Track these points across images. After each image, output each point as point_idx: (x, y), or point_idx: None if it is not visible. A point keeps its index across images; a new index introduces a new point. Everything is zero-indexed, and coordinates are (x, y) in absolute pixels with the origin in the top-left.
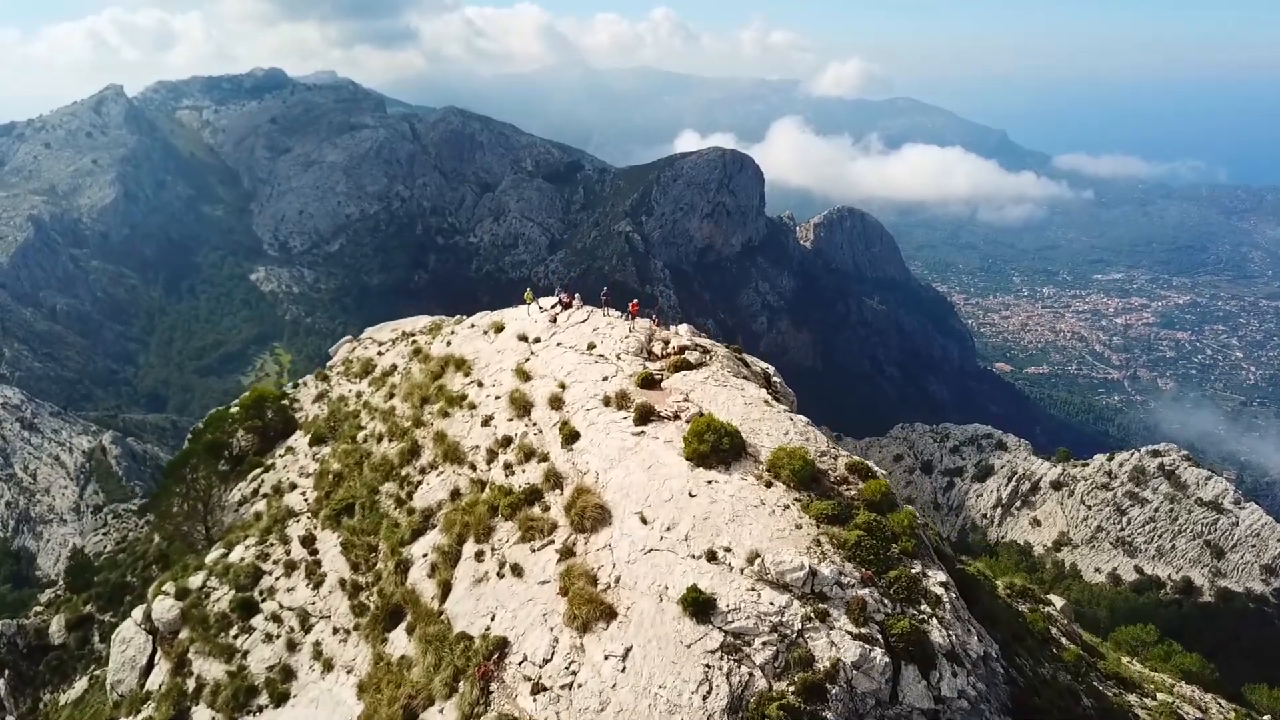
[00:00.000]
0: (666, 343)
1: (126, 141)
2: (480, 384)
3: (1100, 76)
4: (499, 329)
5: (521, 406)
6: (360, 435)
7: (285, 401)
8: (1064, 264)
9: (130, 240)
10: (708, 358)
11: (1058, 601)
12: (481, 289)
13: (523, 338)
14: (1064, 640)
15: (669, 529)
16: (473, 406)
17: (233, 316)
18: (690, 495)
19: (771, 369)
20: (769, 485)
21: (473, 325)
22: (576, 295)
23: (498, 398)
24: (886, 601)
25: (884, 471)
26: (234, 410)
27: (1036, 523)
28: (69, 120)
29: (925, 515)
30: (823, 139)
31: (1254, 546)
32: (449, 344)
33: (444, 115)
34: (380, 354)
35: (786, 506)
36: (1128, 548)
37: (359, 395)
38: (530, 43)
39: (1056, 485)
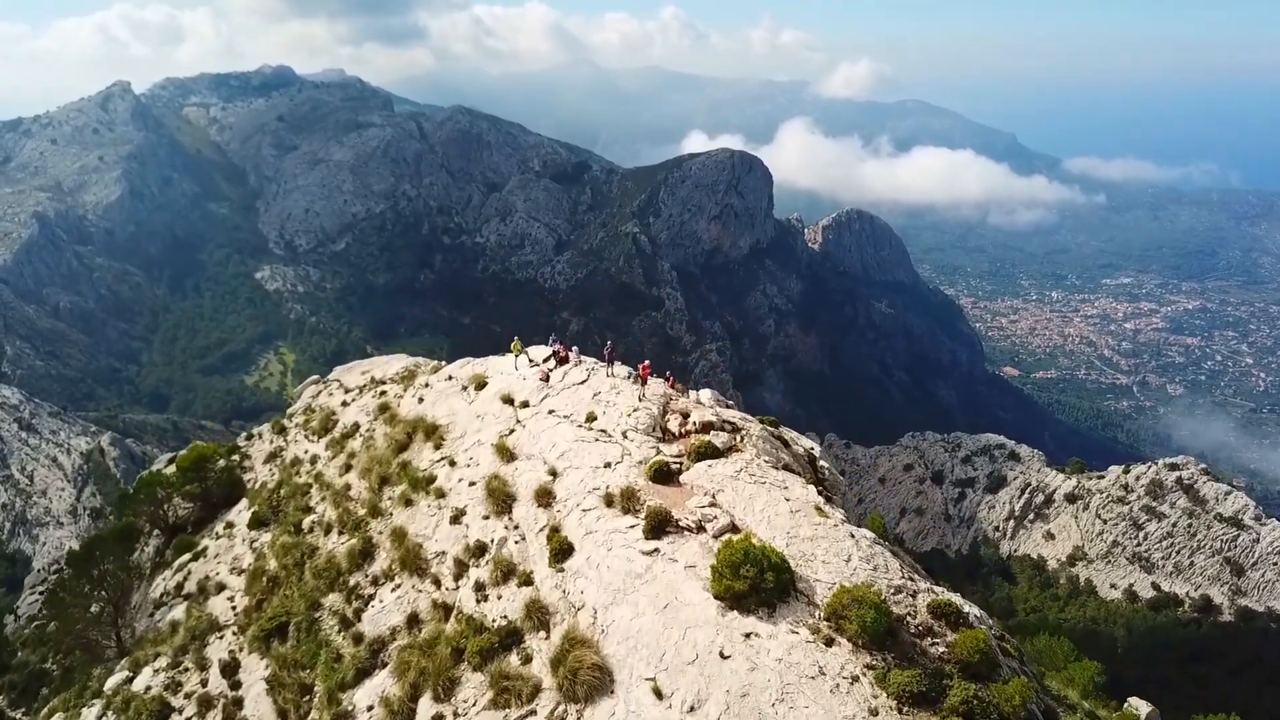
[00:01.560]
0: (685, 416)
1: (133, 138)
2: (452, 462)
3: (1111, 78)
4: (480, 385)
5: (501, 500)
6: (306, 522)
7: (235, 457)
8: (1073, 268)
9: (135, 237)
10: (738, 439)
11: (1143, 709)
12: (488, 289)
13: (508, 400)
14: None
15: (693, 709)
16: (441, 494)
17: (237, 315)
18: (722, 656)
19: (816, 448)
20: (829, 643)
21: (450, 378)
22: (574, 348)
23: (473, 484)
24: None
25: (977, 611)
26: (170, 473)
27: (1050, 536)
28: (75, 116)
29: (936, 527)
30: (831, 140)
31: (1276, 565)
32: (421, 401)
33: (451, 114)
34: (345, 404)
35: (855, 678)
36: (1144, 563)
37: (314, 461)
38: (539, 41)
39: (1071, 498)
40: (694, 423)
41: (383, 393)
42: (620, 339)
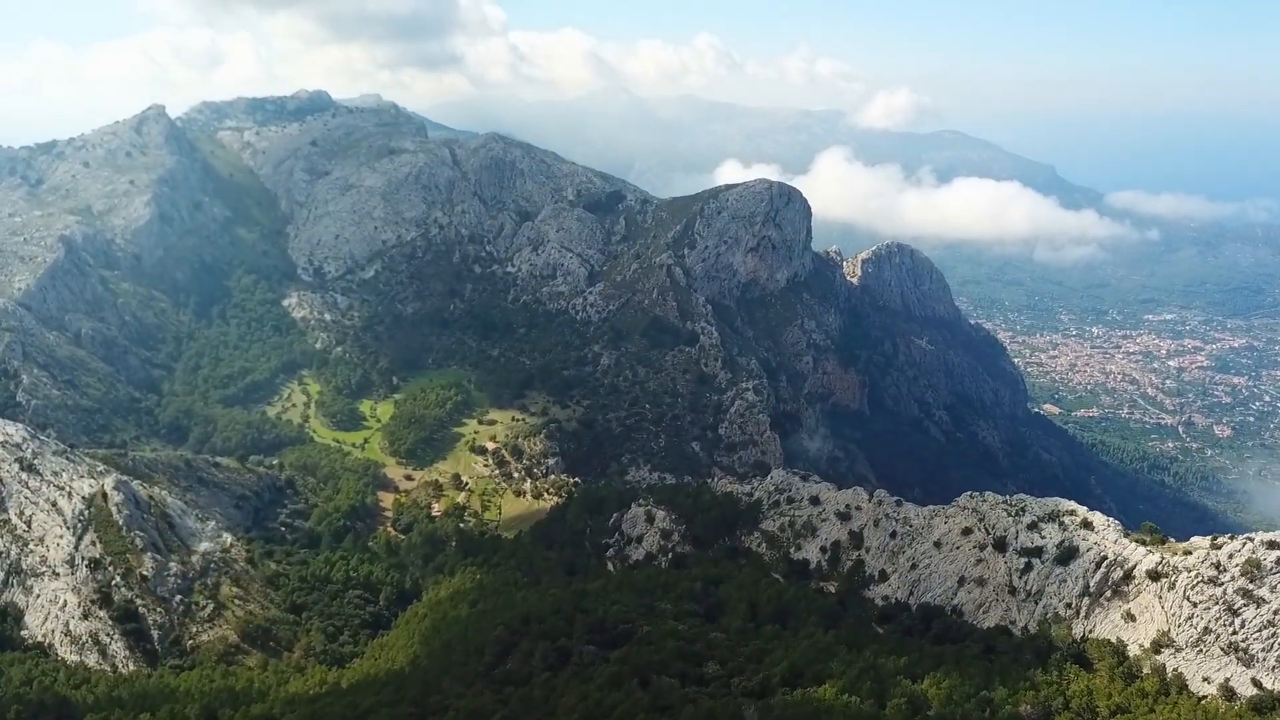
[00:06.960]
0: None
1: (165, 162)
2: None
3: (1152, 109)
4: None
5: None
6: None
7: None
8: (1113, 303)
9: (163, 263)
10: None
11: None
12: (518, 321)
13: None
14: None
15: None
16: None
17: (262, 343)
18: None
19: None
20: None
21: None
22: None
23: None
24: None
25: None
26: None
27: (1130, 617)
28: (109, 139)
29: (999, 600)
30: (868, 171)
31: None
32: None
33: (485, 142)
34: None
35: None
36: (1242, 655)
37: None
38: (575, 69)
39: (1154, 575)
40: None
41: None
42: (653, 375)
